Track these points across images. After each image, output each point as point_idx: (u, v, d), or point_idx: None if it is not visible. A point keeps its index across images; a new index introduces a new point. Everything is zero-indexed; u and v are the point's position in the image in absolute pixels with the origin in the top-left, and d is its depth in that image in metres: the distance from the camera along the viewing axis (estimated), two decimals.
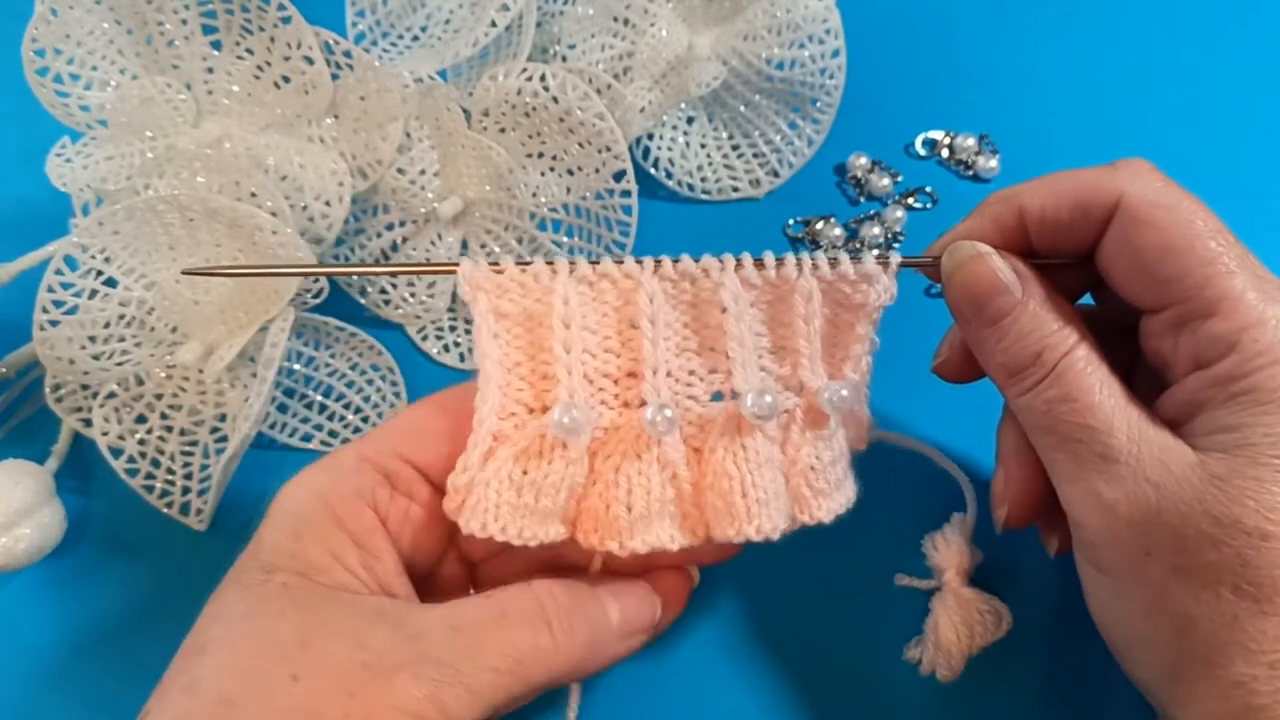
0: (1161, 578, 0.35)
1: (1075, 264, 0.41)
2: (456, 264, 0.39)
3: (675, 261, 0.40)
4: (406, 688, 0.34)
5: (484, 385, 0.39)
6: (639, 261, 0.39)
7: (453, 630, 0.35)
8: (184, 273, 0.44)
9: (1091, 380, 0.37)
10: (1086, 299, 0.45)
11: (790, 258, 0.40)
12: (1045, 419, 0.38)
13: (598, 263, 0.39)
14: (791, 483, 0.41)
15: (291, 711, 0.33)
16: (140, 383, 0.51)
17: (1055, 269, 0.41)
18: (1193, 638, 0.35)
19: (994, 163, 0.61)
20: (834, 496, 0.42)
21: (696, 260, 0.39)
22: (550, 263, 0.39)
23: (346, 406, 0.55)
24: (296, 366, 0.54)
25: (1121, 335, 0.41)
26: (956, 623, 0.45)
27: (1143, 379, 0.42)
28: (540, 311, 0.39)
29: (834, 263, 0.40)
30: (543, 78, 0.50)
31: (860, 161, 0.61)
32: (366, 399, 0.55)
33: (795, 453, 0.41)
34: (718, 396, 0.41)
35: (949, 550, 0.47)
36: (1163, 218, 0.37)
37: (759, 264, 0.40)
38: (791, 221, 0.60)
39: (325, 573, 0.36)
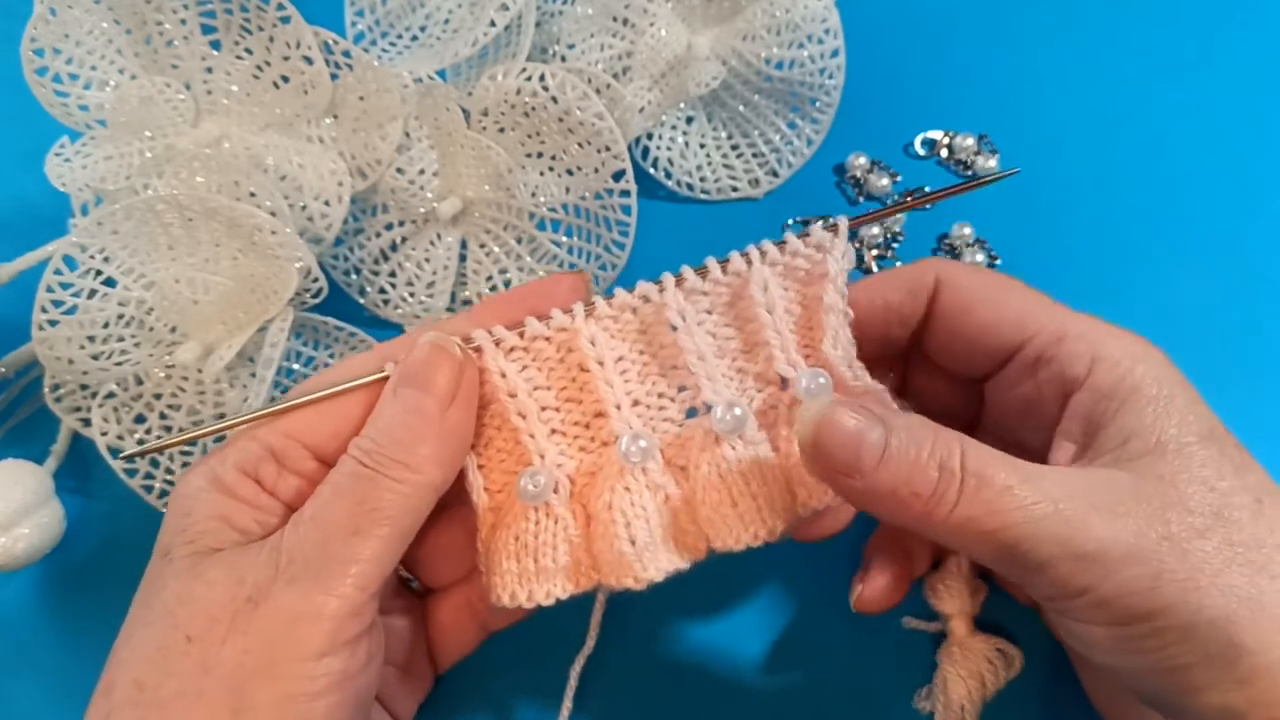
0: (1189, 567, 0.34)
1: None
2: (387, 374, 0.39)
3: (609, 298, 0.40)
4: (286, 596, 0.35)
5: (468, 472, 0.41)
6: (568, 311, 0.40)
7: (303, 521, 0.36)
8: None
9: (998, 458, 0.35)
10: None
11: (735, 254, 0.40)
12: (977, 529, 0.35)
13: (523, 328, 0.40)
14: (792, 475, 0.40)
15: (194, 672, 0.34)
16: (139, 383, 0.51)
17: None
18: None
19: (993, 163, 0.61)
20: None
21: (631, 290, 0.40)
22: (472, 344, 0.39)
23: None
24: (296, 366, 0.54)
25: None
26: (965, 676, 0.44)
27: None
28: (488, 392, 0.40)
29: (781, 244, 0.41)
30: (542, 78, 0.50)
31: (859, 161, 0.61)
32: None
33: (788, 446, 0.40)
34: (693, 412, 0.41)
35: (950, 596, 0.45)
36: (978, 281, 0.42)
37: (702, 272, 0.40)
38: (790, 221, 0.60)
39: (211, 535, 0.37)
